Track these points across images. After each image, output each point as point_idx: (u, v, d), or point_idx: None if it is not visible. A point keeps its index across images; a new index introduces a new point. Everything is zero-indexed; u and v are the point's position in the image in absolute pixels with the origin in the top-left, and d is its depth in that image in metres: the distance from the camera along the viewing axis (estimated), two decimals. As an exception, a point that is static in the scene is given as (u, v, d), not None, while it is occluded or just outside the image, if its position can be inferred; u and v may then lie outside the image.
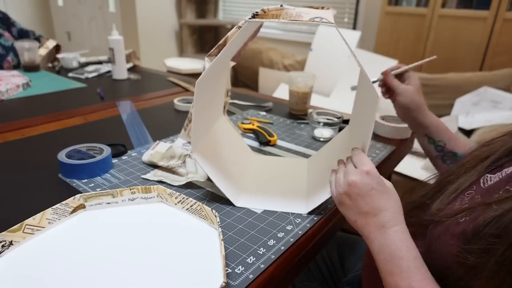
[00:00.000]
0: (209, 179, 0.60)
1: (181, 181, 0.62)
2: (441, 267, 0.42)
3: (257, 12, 0.50)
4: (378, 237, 0.44)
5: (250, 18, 0.50)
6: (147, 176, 0.64)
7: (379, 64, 1.64)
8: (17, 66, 1.48)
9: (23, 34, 1.64)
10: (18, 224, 0.46)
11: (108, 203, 0.55)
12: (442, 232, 0.45)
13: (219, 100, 0.70)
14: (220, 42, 0.56)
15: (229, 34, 0.55)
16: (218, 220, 0.48)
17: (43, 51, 1.54)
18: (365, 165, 0.46)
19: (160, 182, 0.63)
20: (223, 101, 0.73)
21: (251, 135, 0.89)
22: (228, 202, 0.58)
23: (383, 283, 0.43)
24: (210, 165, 0.58)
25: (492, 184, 0.46)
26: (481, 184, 0.47)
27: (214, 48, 0.57)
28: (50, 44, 1.59)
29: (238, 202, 0.58)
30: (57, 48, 1.64)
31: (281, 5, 0.50)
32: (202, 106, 0.57)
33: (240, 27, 0.52)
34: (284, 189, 0.63)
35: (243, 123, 0.92)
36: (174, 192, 0.55)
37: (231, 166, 0.64)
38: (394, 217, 0.44)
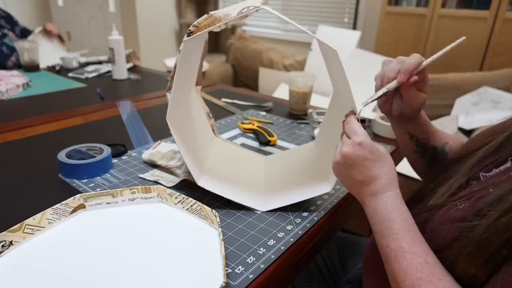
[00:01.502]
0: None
1: (176, 181, 0.62)
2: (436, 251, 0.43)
3: (190, 30, 0.50)
4: (371, 202, 0.46)
5: (186, 38, 0.50)
6: (145, 175, 0.64)
7: (379, 64, 1.63)
8: (21, 66, 1.49)
9: (26, 34, 1.64)
10: (18, 224, 0.46)
11: (108, 203, 0.55)
12: (442, 219, 0.45)
13: (204, 125, 0.70)
14: (172, 73, 0.55)
15: (175, 62, 0.54)
16: (218, 220, 0.48)
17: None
18: (357, 135, 0.47)
19: (156, 182, 0.63)
20: (209, 124, 0.74)
21: (251, 135, 0.89)
22: (228, 202, 0.58)
23: (379, 247, 0.44)
24: (221, 186, 0.59)
25: (489, 178, 0.46)
26: (481, 178, 0.47)
27: (169, 81, 0.57)
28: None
29: (263, 207, 0.57)
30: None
31: (208, 13, 0.50)
32: (187, 137, 0.58)
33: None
34: (242, 180, 0.63)
35: (243, 123, 0.92)
36: (174, 192, 0.55)
37: (199, 143, 0.64)
38: (387, 183, 0.46)
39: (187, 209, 0.54)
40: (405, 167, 1.56)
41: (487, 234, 0.37)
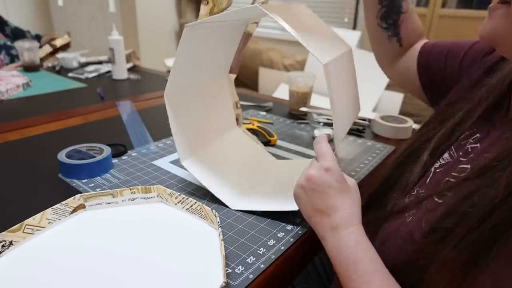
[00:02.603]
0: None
1: None
2: (390, 267, 0.42)
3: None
4: (332, 239, 0.42)
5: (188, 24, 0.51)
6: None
7: (379, 64, 1.63)
8: (9, 64, 1.48)
9: (18, 33, 1.64)
10: (18, 224, 0.46)
11: (108, 203, 0.55)
12: (391, 232, 0.45)
13: (223, 112, 0.70)
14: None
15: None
16: (218, 220, 0.48)
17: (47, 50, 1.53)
18: (326, 160, 0.44)
19: None
20: (234, 113, 0.74)
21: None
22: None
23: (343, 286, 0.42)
24: (205, 174, 0.59)
25: (433, 176, 0.47)
26: (426, 179, 0.48)
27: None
28: (59, 42, 1.58)
29: (184, 162, 0.59)
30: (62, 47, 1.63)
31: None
32: (186, 117, 0.58)
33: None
34: (232, 174, 0.63)
35: (243, 123, 0.92)
36: (174, 192, 0.55)
37: (238, 175, 0.63)
38: (350, 217, 0.43)
39: (187, 209, 0.54)
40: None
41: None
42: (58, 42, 1.57)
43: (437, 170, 0.47)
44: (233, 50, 0.68)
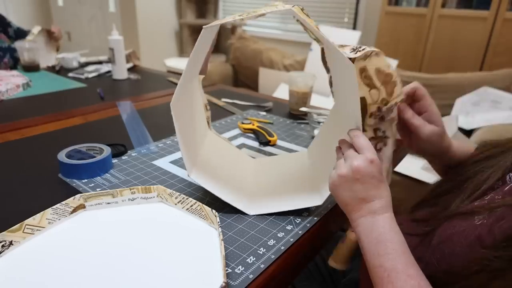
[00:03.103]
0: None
1: None
2: (447, 267, 0.42)
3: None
4: (367, 220, 0.45)
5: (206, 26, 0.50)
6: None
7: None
8: (13, 67, 1.48)
9: (21, 34, 1.64)
10: (18, 224, 0.46)
11: (108, 203, 0.55)
12: (455, 232, 0.44)
13: (201, 116, 0.68)
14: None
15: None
16: (218, 220, 0.48)
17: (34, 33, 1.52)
18: (370, 152, 0.46)
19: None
20: (205, 116, 0.72)
21: (251, 135, 0.89)
22: (228, 203, 0.58)
23: (368, 267, 0.44)
24: (211, 182, 0.57)
25: None
26: (507, 181, 0.46)
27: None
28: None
29: (251, 211, 0.57)
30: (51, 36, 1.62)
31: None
32: (185, 127, 0.56)
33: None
34: (232, 179, 0.62)
35: (243, 123, 0.92)
36: (174, 192, 0.55)
37: (232, 178, 0.63)
38: (387, 205, 0.46)
39: (187, 209, 0.54)
40: (405, 167, 1.56)
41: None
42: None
43: None
44: (207, 49, 0.65)
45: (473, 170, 0.52)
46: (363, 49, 0.48)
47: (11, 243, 0.45)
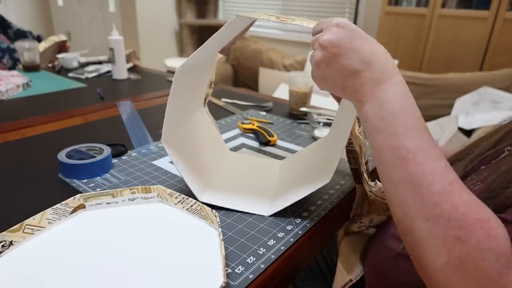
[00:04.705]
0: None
1: None
2: None
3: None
4: (373, 98, 0.37)
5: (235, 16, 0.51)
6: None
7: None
8: (11, 67, 1.48)
9: (21, 35, 1.64)
10: (18, 224, 0.46)
11: (108, 203, 0.55)
12: None
13: (201, 90, 0.67)
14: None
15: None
16: (218, 220, 0.48)
17: (44, 45, 1.54)
18: (329, 21, 0.38)
19: None
20: (205, 92, 0.70)
21: (251, 135, 0.89)
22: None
23: (382, 151, 0.36)
24: (180, 156, 0.56)
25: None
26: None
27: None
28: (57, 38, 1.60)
29: (202, 197, 0.57)
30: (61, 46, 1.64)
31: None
32: (181, 96, 0.55)
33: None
34: (251, 189, 0.62)
35: (243, 123, 0.92)
36: (174, 192, 0.55)
37: (205, 160, 0.63)
38: (389, 65, 0.37)
39: (187, 209, 0.54)
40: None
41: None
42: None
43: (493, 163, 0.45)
44: (234, 35, 0.64)
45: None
46: None
47: (11, 243, 0.45)
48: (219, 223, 0.49)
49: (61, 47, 1.65)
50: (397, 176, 0.34)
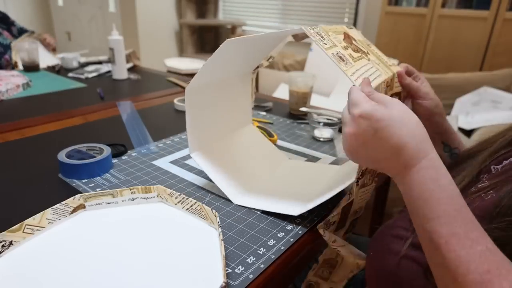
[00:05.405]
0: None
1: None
2: None
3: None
4: (402, 180, 0.37)
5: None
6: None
7: (379, 64, 1.63)
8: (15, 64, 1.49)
9: (23, 33, 1.65)
10: (18, 224, 0.46)
11: (108, 203, 0.55)
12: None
13: (240, 110, 0.71)
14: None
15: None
16: (218, 220, 0.48)
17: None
18: (356, 106, 0.38)
19: None
20: (250, 111, 0.75)
21: (251, 135, 0.89)
22: (228, 202, 0.58)
23: (418, 231, 0.36)
24: (212, 167, 0.60)
25: (501, 169, 0.46)
26: (492, 171, 0.47)
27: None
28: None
29: (236, 200, 0.58)
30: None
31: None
32: (206, 110, 0.60)
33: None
34: (287, 192, 0.62)
35: (243, 123, 0.92)
36: (174, 192, 0.55)
37: (245, 168, 0.65)
38: (417, 148, 0.36)
39: (187, 209, 0.54)
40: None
41: None
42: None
43: (504, 164, 0.45)
44: (268, 51, 0.69)
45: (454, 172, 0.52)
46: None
47: (11, 243, 0.45)
48: (219, 223, 0.49)
49: (42, 41, 1.65)
50: (435, 260, 0.34)
